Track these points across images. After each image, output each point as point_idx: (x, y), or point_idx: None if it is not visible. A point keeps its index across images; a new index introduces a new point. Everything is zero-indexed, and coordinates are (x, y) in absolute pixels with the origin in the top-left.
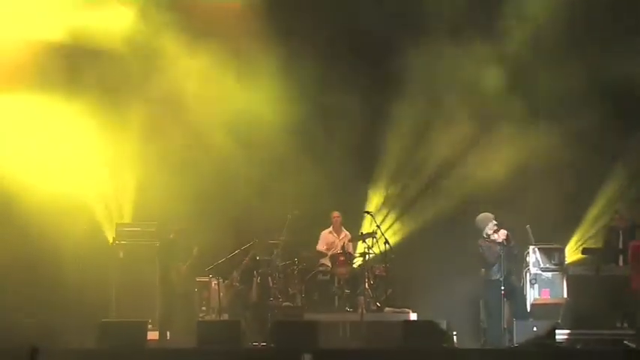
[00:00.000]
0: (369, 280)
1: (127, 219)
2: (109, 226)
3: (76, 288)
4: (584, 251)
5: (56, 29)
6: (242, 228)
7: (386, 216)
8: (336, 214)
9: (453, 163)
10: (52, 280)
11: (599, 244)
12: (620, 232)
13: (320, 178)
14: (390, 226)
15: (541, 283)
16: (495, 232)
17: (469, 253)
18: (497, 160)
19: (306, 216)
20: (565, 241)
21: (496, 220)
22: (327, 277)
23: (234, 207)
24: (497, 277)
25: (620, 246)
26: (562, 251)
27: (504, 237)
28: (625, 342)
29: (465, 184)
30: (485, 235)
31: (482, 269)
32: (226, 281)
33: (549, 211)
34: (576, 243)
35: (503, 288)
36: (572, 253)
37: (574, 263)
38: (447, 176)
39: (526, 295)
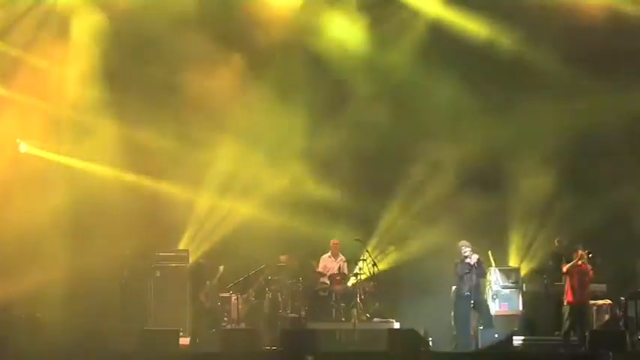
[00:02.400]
0: (360, 295)
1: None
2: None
3: (121, 301)
4: (536, 271)
5: None
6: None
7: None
8: (334, 241)
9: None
10: (103, 294)
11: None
12: (563, 256)
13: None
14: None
15: (501, 298)
16: (468, 256)
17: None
18: None
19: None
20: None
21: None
22: (326, 293)
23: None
24: (467, 293)
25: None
26: (518, 271)
27: (475, 260)
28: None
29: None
30: (461, 257)
31: (454, 286)
32: (244, 296)
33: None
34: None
35: (472, 302)
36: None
37: (527, 281)
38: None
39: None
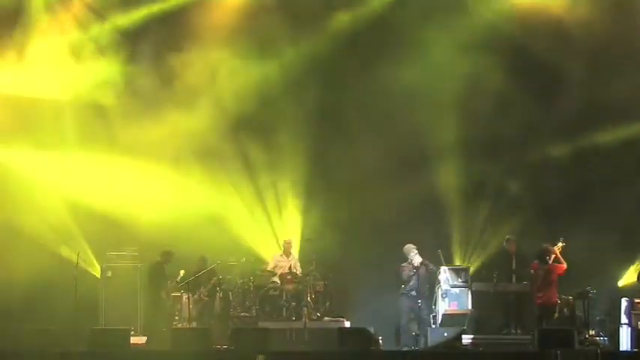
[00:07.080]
0: (311, 294)
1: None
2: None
3: (72, 301)
4: (486, 269)
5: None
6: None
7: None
8: (286, 240)
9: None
10: (52, 294)
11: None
12: (513, 255)
13: None
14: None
15: (450, 297)
16: (412, 259)
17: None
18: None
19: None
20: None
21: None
22: (277, 292)
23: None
24: (413, 294)
25: (514, 267)
26: (467, 271)
27: (418, 262)
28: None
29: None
30: (408, 260)
31: (402, 285)
32: (195, 296)
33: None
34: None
35: (419, 301)
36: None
37: (476, 280)
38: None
39: (437, 306)
